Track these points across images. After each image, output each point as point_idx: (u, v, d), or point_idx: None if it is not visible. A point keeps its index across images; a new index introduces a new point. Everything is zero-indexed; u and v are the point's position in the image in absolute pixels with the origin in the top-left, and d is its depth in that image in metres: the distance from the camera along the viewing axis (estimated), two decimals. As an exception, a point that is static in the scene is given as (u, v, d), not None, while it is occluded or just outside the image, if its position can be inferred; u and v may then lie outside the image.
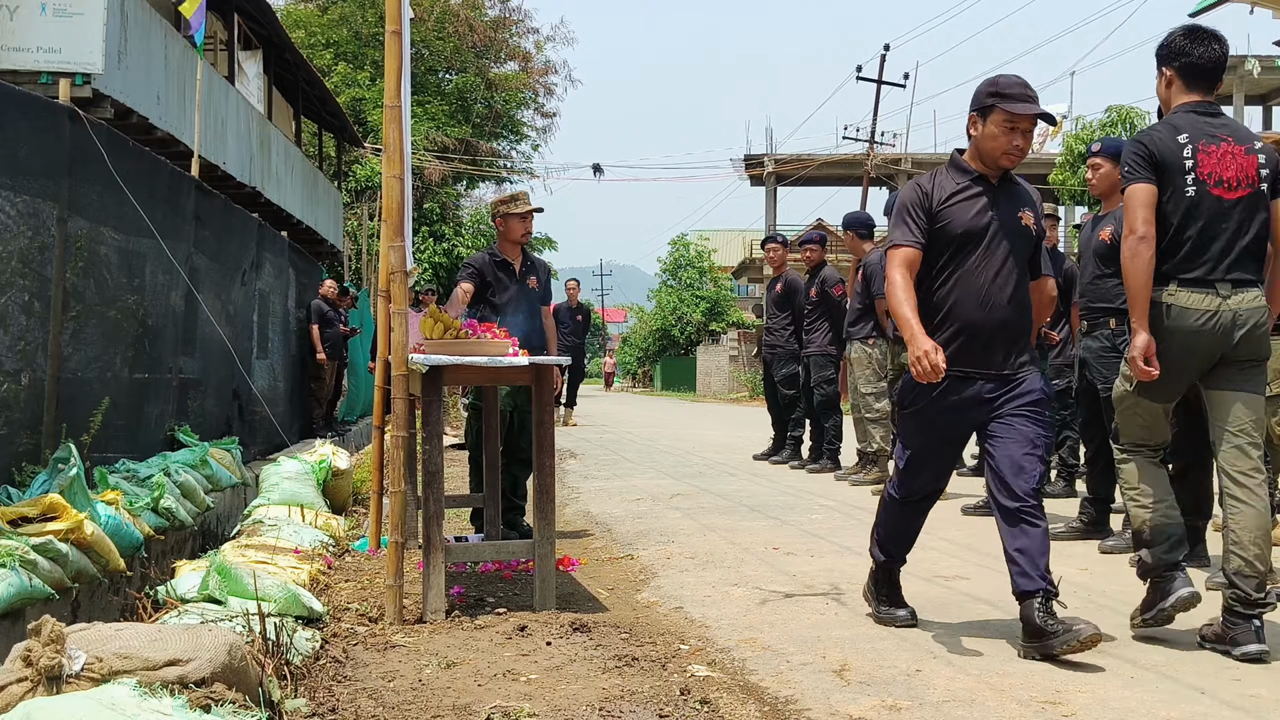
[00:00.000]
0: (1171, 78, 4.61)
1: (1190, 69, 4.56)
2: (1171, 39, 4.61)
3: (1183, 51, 4.57)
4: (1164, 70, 4.64)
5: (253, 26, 19.56)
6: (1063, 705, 3.60)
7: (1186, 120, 4.50)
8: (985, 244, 4.43)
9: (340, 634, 4.56)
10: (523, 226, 6.98)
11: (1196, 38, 4.57)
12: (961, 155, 4.56)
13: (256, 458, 9.74)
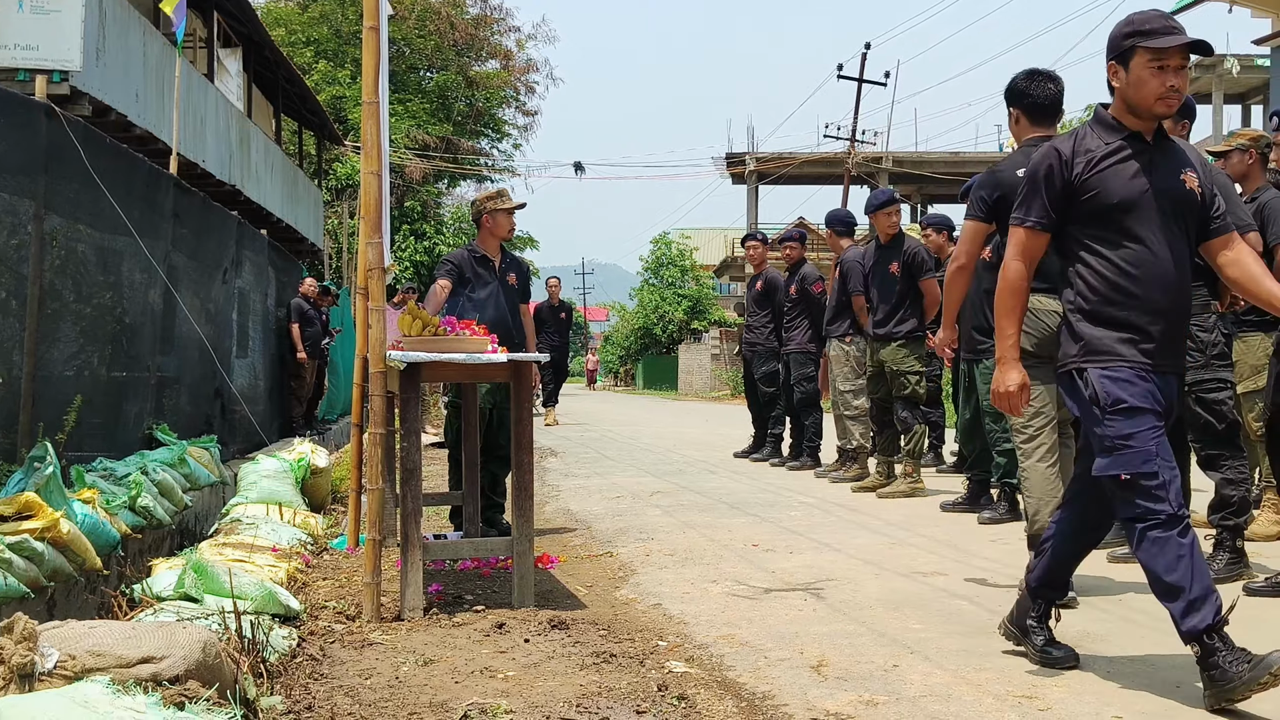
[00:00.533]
0: (1018, 115, 5.32)
1: (1033, 107, 5.28)
2: (1014, 82, 5.32)
3: (1025, 92, 5.28)
4: (1011, 110, 5.35)
5: (232, 24, 19.49)
6: (1039, 699, 3.61)
7: (1029, 157, 4.94)
8: (1149, 213, 3.75)
9: (317, 632, 4.55)
10: (509, 222, 7.00)
11: (1035, 79, 5.30)
12: (1107, 110, 3.89)
13: (235, 456, 9.71)
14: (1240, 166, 6.37)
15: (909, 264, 8.63)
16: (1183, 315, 3.80)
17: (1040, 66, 5.45)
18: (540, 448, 13.43)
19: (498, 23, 38.29)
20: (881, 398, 8.85)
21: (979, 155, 42.28)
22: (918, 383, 8.58)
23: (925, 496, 8.51)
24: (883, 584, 5.44)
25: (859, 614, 4.83)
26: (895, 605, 4.97)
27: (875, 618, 4.76)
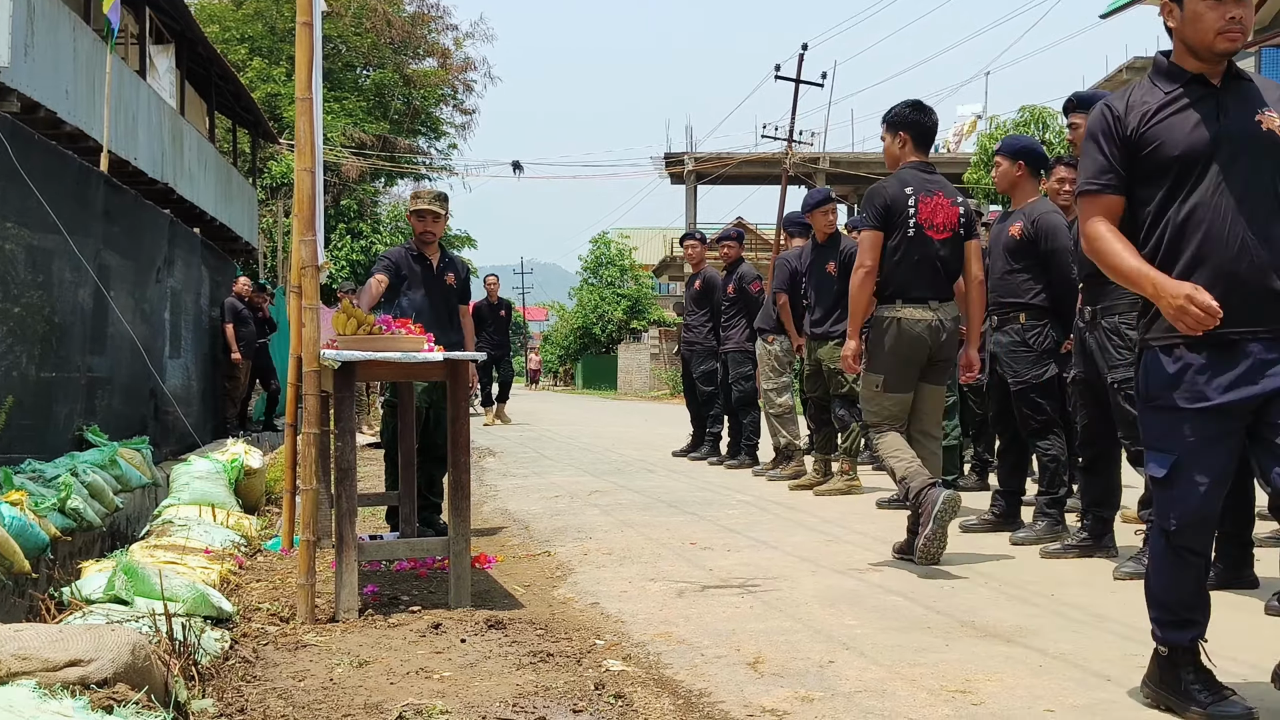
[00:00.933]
0: (906, 140, 6.00)
1: (921, 135, 6.02)
2: (904, 111, 6.00)
3: (916, 122, 5.99)
4: (899, 134, 6.01)
5: (165, 20, 19.25)
6: (972, 694, 3.64)
7: (912, 176, 5.95)
8: (1217, 163, 3.36)
9: (250, 634, 4.50)
10: (420, 225, 6.93)
11: (922, 110, 6.03)
12: (1168, 58, 3.53)
13: (168, 458, 9.59)
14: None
15: (846, 263, 8.67)
16: (1264, 272, 3.28)
17: (919, 99, 6.14)
18: (478, 447, 13.37)
19: (435, 21, 38.12)
20: (819, 396, 8.90)
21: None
22: (854, 381, 8.63)
23: (861, 494, 8.57)
24: (819, 581, 5.47)
25: (795, 611, 4.85)
26: (831, 602, 4.99)
27: (811, 614, 4.78)
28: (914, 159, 6.01)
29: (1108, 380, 5.50)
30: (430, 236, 6.96)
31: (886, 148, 6.11)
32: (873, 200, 5.89)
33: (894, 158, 6.07)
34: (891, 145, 6.06)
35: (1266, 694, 3.60)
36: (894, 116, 6.02)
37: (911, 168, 5.97)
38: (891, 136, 6.05)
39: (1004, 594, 5.08)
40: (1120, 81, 34.21)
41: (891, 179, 5.95)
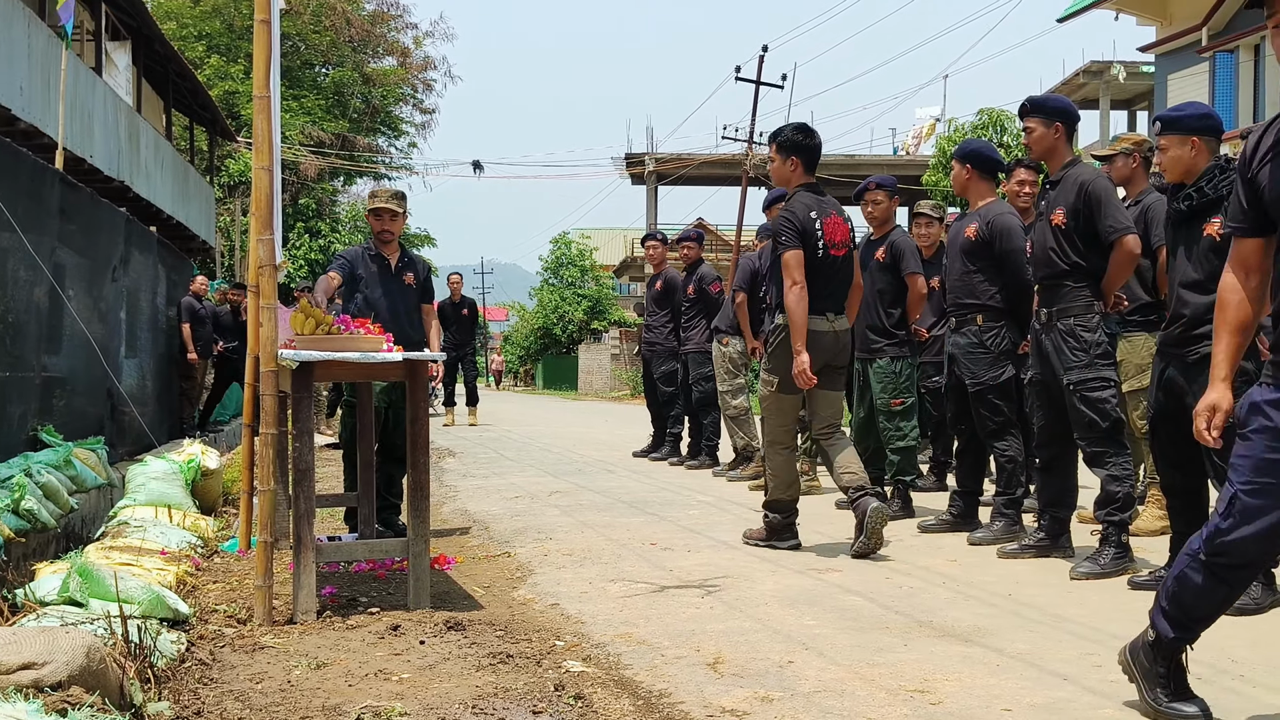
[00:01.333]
0: (797, 164, 6.29)
1: (811, 159, 6.33)
2: (796, 136, 6.29)
3: (809, 147, 6.30)
4: (792, 158, 6.28)
5: (121, 17, 19.07)
6: (930, 693, 3.66)
7: (813, 200, 6.28)
8: None
9: (207, 636, 4.46)
10: (378, 224, 6.89)
11: (812, 134, 6.34)
12: None
13: (124, 458, 9.49)
14: (1125, 170, 6.53)
15: (806, 264, 8.69)
16: None
17: (805, 122, 6.50)
18: (438, 448, 13.32)
19: (394, 19, 37.93)
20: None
21: (874, 158, 42.84)
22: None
23: (821, 494, 8.60)
24: (778, 581, 5.48)
25: (755, 611, 4.86)
26: (791, 602, 5.01)
27: (771, 615, 4.79)
28: (804, 181, 6.36)
29: (1064, 382, 5.54)
30: (388, 235, 6.91)
31: (777, 169, 6.39)
32: (790, 223, 6.19)
33: (785, 178, 6.40)
34: (783, 167, 6.35)
35: (1220, 695, 3.64)
36: (787, 141, 6.31)
37: (807, 190, 6.34)
38: (783, 159, 6.34)
39: (962, 594, 5.12)
40: (1077, 85, 34.50)
41: (797, 204, 6.26)
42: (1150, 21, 23.47)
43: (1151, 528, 6.38)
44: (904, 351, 7.52)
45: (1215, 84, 21.21)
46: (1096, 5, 23.41)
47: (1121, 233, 5.48)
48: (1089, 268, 5.57)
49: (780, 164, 6.37)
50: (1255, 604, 4.63)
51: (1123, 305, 5.82)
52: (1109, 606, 4.81)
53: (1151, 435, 5.18)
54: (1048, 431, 5.80)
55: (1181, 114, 4.97)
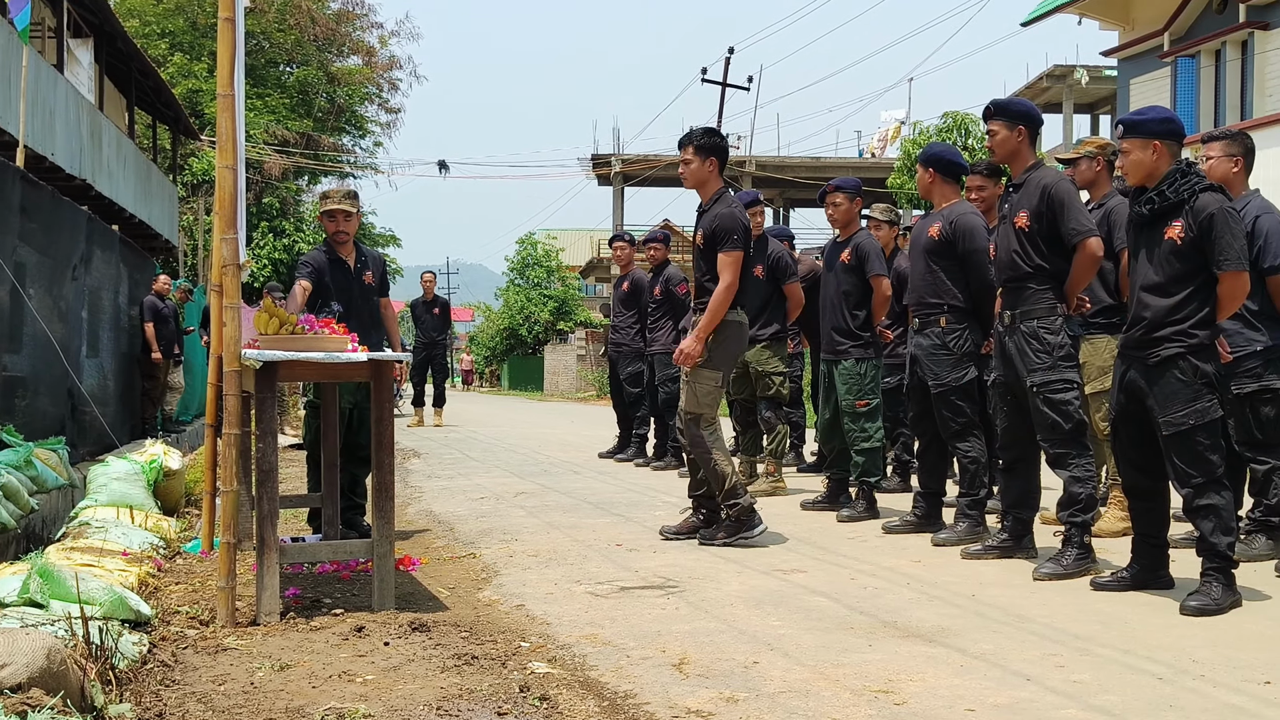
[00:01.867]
0: (714, 164, 6.57)
1: (725, 160, 6.65)
2: (708, 137, 6.56)
3: (721, 147, 6.62)
4: (710, 159, 6.53)
5: (83, 14, 18.89)
6: (894, 694, 3.67)
7: (737, 201, 6.64)
8: None
9: (169, 637, 4.43)
10: (332, 225, 6.85)
11: (720, 135, 6.66)
12: None
13: (86, 458, 9.41)
14: (1088, 174, 6.59)
15: (773, 267, 8.71)
16: None
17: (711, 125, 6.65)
18: (403, 448, 13.27)
19: (360, 18, 37.78)
20: (745, 398, 8.93)
21: (840, 160, 43.00)
22: (781, 383, 8.68)
23: (786, 495, 8.62)
24: (744, 582, 5.49)
25: (720, 612, 4.87)
26: (756, 603, 5.02)
27: (736, 615, 4.80)
28: (721, 183, 6.66)
29: (1027, 384, 5.58)
30: (343, 236, 6.88)
31: (695, 170, 6.57)
32: (738, 225, 6.46)
33: (703, 179, 6.59)
34: (701, 168, 6.55)
35: (1181, 695, 3.67)
36: (704, 143, 6.55)
37: (728, 192, 6.67)
38: (702, 160, 6.55)
39: (926, 595, 5.14)
40: (1040, 89, 34.75)
41: (735, 206, 6.57)
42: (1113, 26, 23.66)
43: (1113, 529, 6.43)
44: (869, 353, 7.55)
45: (1177, 88, 21.41)
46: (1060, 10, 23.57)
47: (1084, 235, 5.52)
48: (1052, 270, 5.61)
49: (699, 165, 6.55)
50: (1215, 604, 4.67)
51: (1085, 307, 5.86)
52: (1071, 607, 4.84)
53: (1113, 437, 5.23)
54: (1011, 433, 5.83)
55: (1144, 118, 5.01)
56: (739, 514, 6.52)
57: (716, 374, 6.52)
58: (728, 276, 6.44)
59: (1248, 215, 5.72)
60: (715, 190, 6.63)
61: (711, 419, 6.58)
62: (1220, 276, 4.79)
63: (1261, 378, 5.83)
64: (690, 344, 6.44)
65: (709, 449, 6.52)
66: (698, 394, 6.53)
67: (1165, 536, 5.16)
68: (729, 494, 6.52)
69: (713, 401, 6.57)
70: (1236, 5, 20.05)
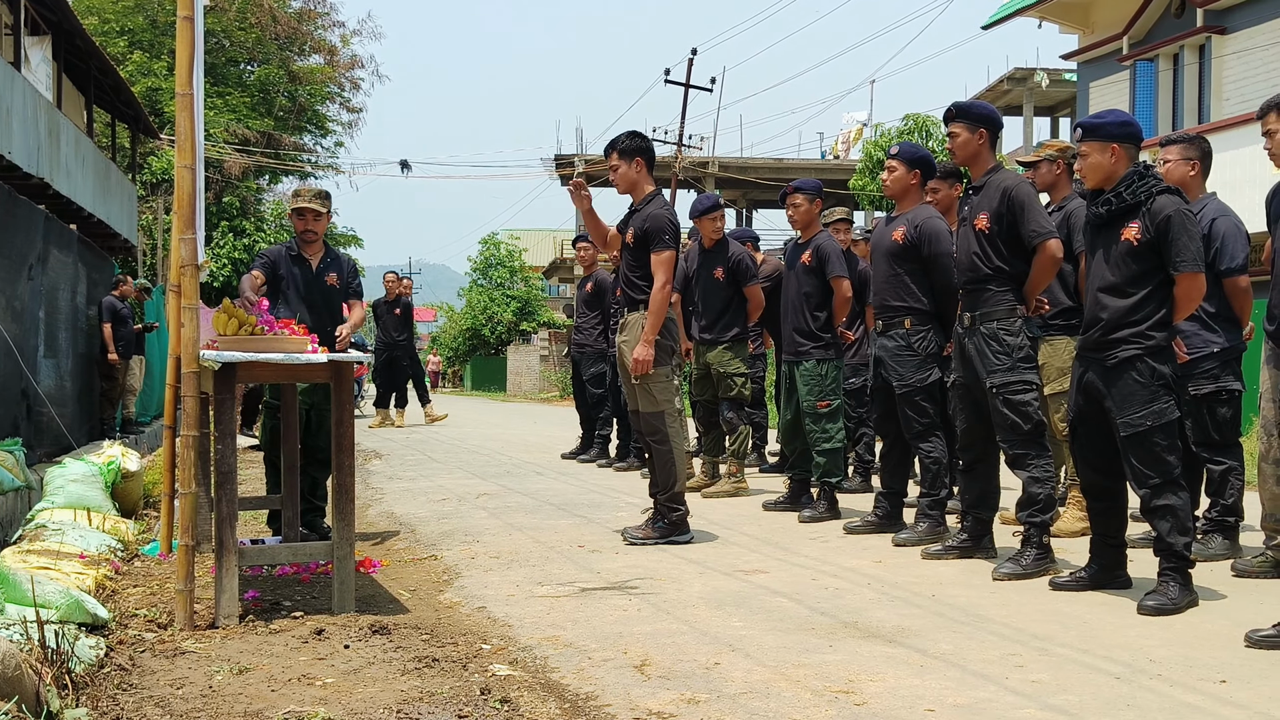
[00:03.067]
0: (641, 165, 6.70)
1: (652, 161, 6.77)
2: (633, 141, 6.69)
3: (647, 149, 6.75)
4: (636, 160, 6.67)
5: (40, 11, 18.69)
6: (855, 694, 3.69)
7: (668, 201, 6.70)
8: None
9: (127, 641, 4.39)
10: (301, 224, 6.81)
11: (645, 137, 6.76)
12: None
13: (42, 460, 9.31)
14: (1048, 176, 6.63)
15: (734, 270, 8.72)
16: None
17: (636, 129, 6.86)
18: (364, 450, 13.21)
19: (321, 17, 37.52)
20: (708, 399, 8.95)
21: (802, 162, 43.10)
22: (743, 384, 8.70)
23: (749, 496, 8.64)
24: (706, 583, 5.50)
25: (682, 613, 4.87)
26: (718, 604, 5.02)
27: (698, 616, 4.81)
28: (652, 184, 6.78)
29: (987, 385, 5.61)
30: (312, 235, 6.83)
31: (624, 174, 6.72)
32: (669, 225, 6.57)
33: (633, 182, 6.74)
34: (629, 171, 6.71)
35: (1139, 694, 3.70)
36: (631, 146, 6.71)
37: (661, 193, 6.77)
38: (628, 163, 6.70)
39: (886, 595, 5.16)
40: (1001, 91, 34.94)
41: (666, 207, 6.68)
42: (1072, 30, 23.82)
43: (1072, 529, 6.48)
44: (830, 354, 7.57)
45: (1135, 92, 21.56)
46: (1021, 13, 23.71)
47: (1044, 237, 5.56)
48: (1012, 272, 5.65)
49: (626, 169, 6.70)
50: (1172, 604, 4.71)
51: (1044, 309, 5.90)
52: (1030, 607, 4.87)
53: (1071, 438, 5.26)
54: (970, 434, 5.87)
55: (1102, 121, 5.05)
56: (677, 519, 6.63)
57: (664, 369, 6.65)
58: (663, 275, 6.54)
59: (1205, 218, 5.79)
60: (648, 191, 6.76)
61: (675, 411, 6.70)
62: (1177, 278, 4.84)
63: (1218, 379, 5.90)
64: (644, 351, 6.53)
65: (669, 440, 6.67)
66: (654, 393, 6.64)
67: (1123, 536, 5.20)
68: (675, 496, 6.64)
69: (670, 394, 6.69)
70: (1194, 10, 20.24)
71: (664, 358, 6.65)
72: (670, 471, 6.64)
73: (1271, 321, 5.16)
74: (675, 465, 6.64)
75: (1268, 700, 3.59)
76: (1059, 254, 5.62)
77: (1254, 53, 19.19)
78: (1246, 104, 17.96)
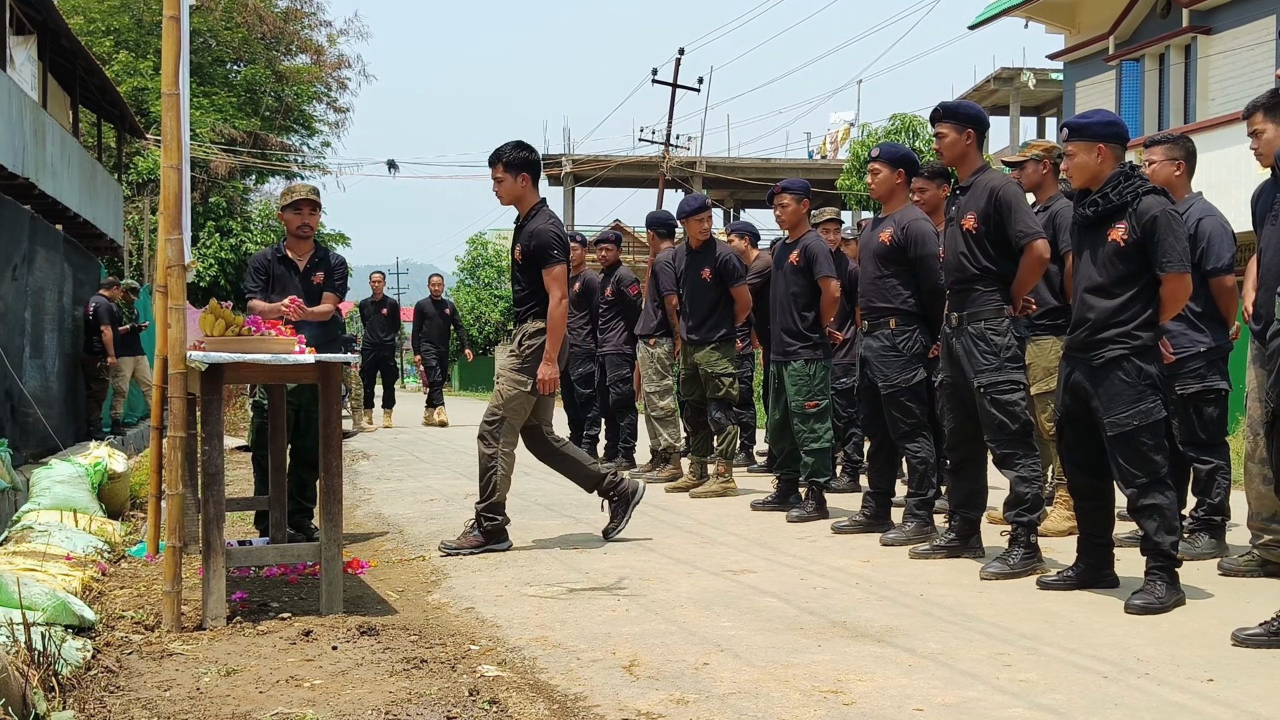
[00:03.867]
0: (527, 179, 6.53)
1: (538, 171, 6.60)
2: (518, 153, 6.47)
3: (533, 161, 6.55)
4: (521, 174, 6.49)
5: (26, 10, 18.63)
6: (844, 694, 3.69)
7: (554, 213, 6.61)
8: None
9: (114, 643, 4.37)
10: (297, 219, 6.81)
11: (531, 149, 6.58)
12: None
13: (28, 461, 9.28)
14: (1034, 176, 6.64)
15: (721, 270, 8.72)
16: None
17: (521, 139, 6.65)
18: (352, 450, 13.19)
19: (308, 17, 37.46)
20: (696, 399, 8.94)
21: (789, 162, 43.13)
22: (731, 384, 8.69)
23: (737, 496, 8.64)
24: (694, 583, 5.50)
25: (671, 613, 4.87)
26: (706, 604, 5.02)
27: (687, 616, 4.81)
28: (537, 197, 6.62)
29: (974, 385, 5.62)
30: (307, 230, 6.84)
31: (509, 188, 6.54)
32: (554, 240, 6.46)
33: (518, 195, 6.57)
34: (515, 185, 6.53)
35: (1126, 693, 3.71)
36: (515, 159, 6.51)
37: (545, 206, 6.62)
38: (514, 176, 6.52)
39: (874, 594, 5.17)
40: (988, 91, 35.01)
41: (551, 220, 6.55)
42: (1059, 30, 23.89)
43: (1059, 528, 6.49)
44: (818, 354, 7.57)
45: (1121, 91, 21.63)
46: (1007, 13, 23.77)
47: (1031, 237, 5.57)
48: (999, 272, 5.66)
49: (511, 182, 6.52)
50: (1159, 603, 4.73)
51: (1031, 309, 5.92)
52: (1018, 606, 4.88)
53: (1058, 437, 5.27)
54: (958, 434, 5.87)
55: (1089, 121, 5.06)
56: (492, 528, 6.52)
57: (526, 380, 6.50)
58: (558, 292, 6.47)
59: (1190, 218, 5.81)
60: (532, 204, 6.61)
61: (514, 426, 6.57)
62: (1163, 278, 4.85)
63: (1204, 378, 5.92)
64: (547, 370, 6.49)
65: (497, 456, 6.51)
66: (504, 397, 6.53)
67: (1110, 536, 5.21)
68: (493, 505, 6.52)
69: (518, 408, 6.55)
70: (1180, 10, 20.31)
71: (532, 370, 6.50)
72: (490, 479, 6.49)
73: (1257, 321, 5.17)
74: (498, 474, 6.49)
75: (1254, 699, 3.60)
76: (1046, 254, 5.63)
77: (1239, 53, 19.26)
78: (1232, 104, 18.03)
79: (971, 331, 5.65)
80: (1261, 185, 5.39)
